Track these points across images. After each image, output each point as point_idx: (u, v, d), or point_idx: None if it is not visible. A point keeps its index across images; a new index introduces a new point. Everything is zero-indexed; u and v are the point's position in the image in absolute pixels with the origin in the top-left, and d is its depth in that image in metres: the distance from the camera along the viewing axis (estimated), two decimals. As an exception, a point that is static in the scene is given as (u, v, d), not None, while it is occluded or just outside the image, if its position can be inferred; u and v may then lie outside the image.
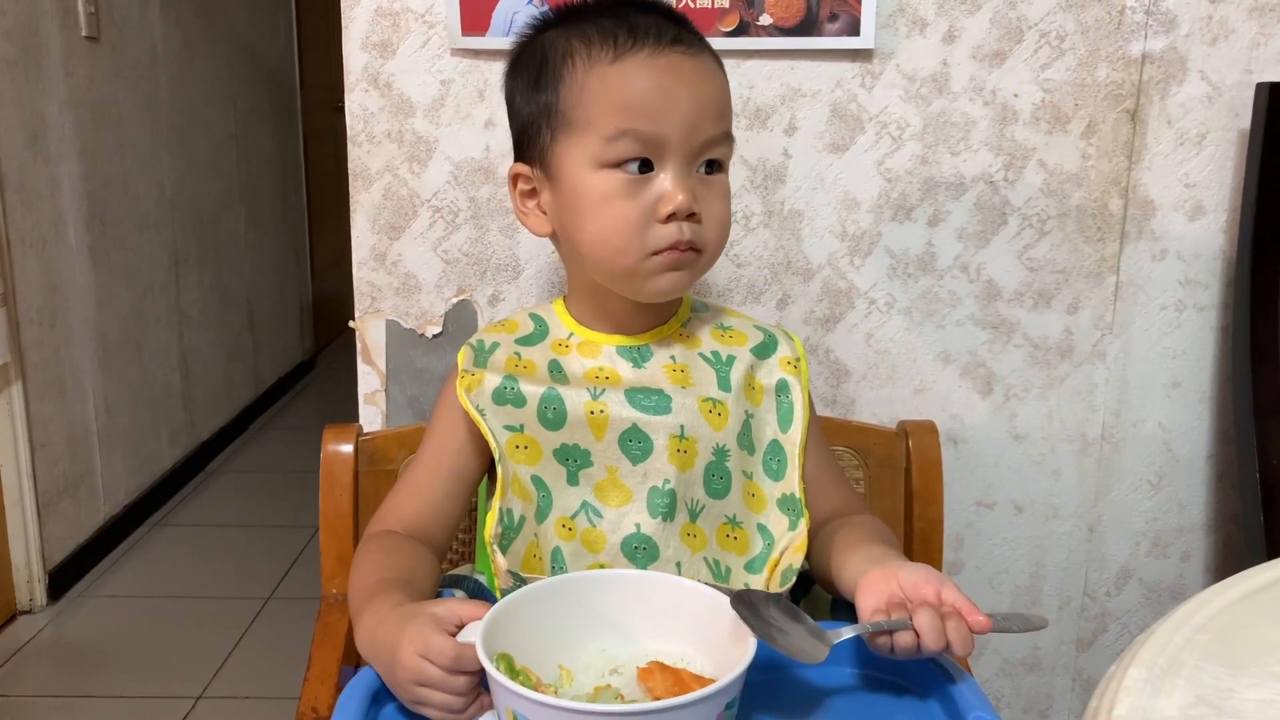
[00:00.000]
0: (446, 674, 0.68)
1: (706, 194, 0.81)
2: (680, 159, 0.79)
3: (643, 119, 0.78)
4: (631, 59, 0.79)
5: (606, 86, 0.79)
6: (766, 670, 0.72)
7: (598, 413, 0.82)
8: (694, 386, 0.84)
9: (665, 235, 0.79)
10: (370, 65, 1.26)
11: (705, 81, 0.80)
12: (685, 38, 0.81)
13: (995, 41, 1.24)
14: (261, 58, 3.56)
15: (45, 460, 2.27)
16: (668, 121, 0.78)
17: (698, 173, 0.81)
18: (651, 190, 0.79)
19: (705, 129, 0.80)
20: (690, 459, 0.83)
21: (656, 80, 0.78)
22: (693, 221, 0.80)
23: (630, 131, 0.78)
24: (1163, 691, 0.60)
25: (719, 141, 0.81)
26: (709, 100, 0.80)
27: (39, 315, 2.25)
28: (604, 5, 0.83)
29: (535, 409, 0.83)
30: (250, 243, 3.48)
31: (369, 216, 1.31)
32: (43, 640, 2.17)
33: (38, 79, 2.24)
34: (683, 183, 0.79)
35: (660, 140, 0.78)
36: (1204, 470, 1.37)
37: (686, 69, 0.80)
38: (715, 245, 0.83)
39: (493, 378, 0.85)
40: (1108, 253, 1.30)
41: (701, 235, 0.81)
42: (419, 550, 0.85)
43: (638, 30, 0.80)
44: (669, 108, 0.78)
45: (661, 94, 0.78)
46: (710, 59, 0.83)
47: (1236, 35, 1.24)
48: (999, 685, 1.45)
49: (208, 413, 3.14)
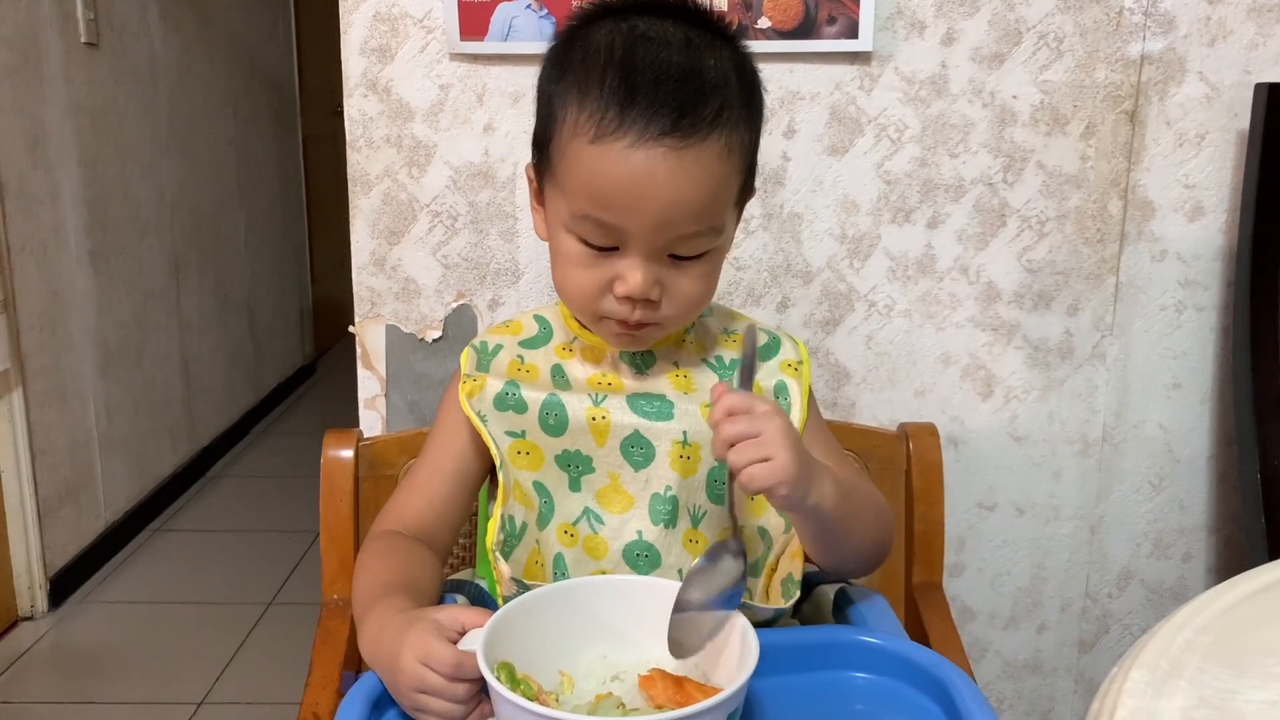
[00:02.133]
0: (447, 681, 0.67)
1: (675, 276, 0.77)
2: (644, 248, 0.75)
3: (606, 211, 0.74)
4: (610, 146, 0.72)
5: (580, 166, 0.74)
6: (768, 677, 0.71)
7: (599, 419, 0.82)
8: (697, 393, 0.84)
9: (618, 310, 0.78)
10: (369, 70, 1.26)
11: (686, 183, 0.73)
12: (681, 127, 0.72)
13: (994, 43, 1.25)
14: (261, 63, 3.56)
15: (46, 466, 2.27)
16: (632, 219, 0.74)
17: (668, 258, 0.76)
18: (611, 267, 0.76)
19: (677, 228, 0.74)
20: (693, 465, 0.83)
21: (627, 178, 0.72)
22: (648, 305, 0.77)
23: (593, 218, 0.75)
24: (1165, 693, 0.60)
25: (694, 236, 0.75)
26: (686, 202, 0.73)
27: (39, 321, 2.25)
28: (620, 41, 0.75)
29: (537, 415, 0.83)
30: (250, 248, 3.48)
31: (368, 221, 1.31)
32: (44, 646, 2.16)
33: (37, 85, 2.24)
34: (642, 270, 0.75)
35: (623, 231, 0.74)
36: (1205, 471, 1.37)
37: (666, 169, 0.72)
38: (679, 319, 0.80)
39: (494, 382, 0.85)
40: (1107, 254, 1.30)
41: (659, 315, 0.78)
42: (423, 553, 0.85)
43: (628, 112, 0.72)
44: (636, 207, 0.73)
45: (629, 193, 0.73)
46: (708, 150, 0.73)
47: (1235, 36, 1.24)
48: (1001, 688, 1.45)
49: (208, 418, 3.13)
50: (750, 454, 0.69)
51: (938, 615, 1.06)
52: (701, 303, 0.81)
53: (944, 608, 1.07)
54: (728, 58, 0.77)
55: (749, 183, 0.81)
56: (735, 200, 0.79)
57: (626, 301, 0.77)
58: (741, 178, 0.78)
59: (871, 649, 0.77)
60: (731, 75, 0.76)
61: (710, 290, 0.81)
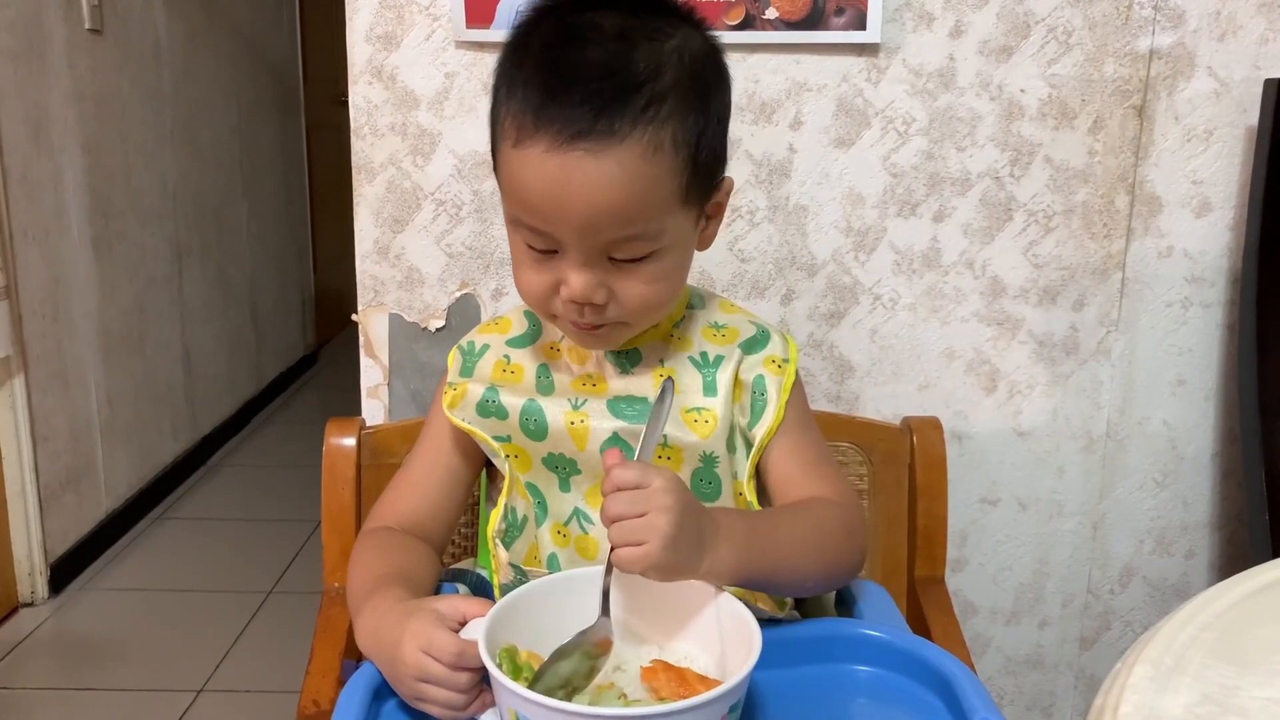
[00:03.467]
0: (449, 670, 0.67)
1: (622, 278, 0.74)
2: (579, 252, 0.73)
3: (532, 216, 0.73)
4: (529, 150, 0.70)
5: (507, 170, 0.73)
6: (771, 670, 0.71)
7: (578, 423, 0.81)
8: (679, 395, 0.82)
9: (569, 312, 0.76)
10: (374, 58, 1.26)
11: (606, 186, 0.69)
12: (598, 129, 0.69)
13: (1002, 36, 1.24)
14: (265, 51, 3.55)
15: (47, 453, 2.27)
16: (556, 225, 0.72)
17: (609, 260, 0.74)
18: (556, 269, 0.74)
19: (604, 233, 0.72)
20: (674, 466, 0.82)
21: (545, 184, 0.70)
22: (596, 308, 0.75)
23: (524, 223, 0.74)
24: (1169, 689, 0.59)
25: (628, 241, 0.72)
26: (607, 207, 0.70)
27: (41, 308, 2.25)
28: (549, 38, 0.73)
29: (518, 421, 0.82)
30: (253, 236, 3.47)
31: (372, 210, 1.30)
32: (44, 633, 2.17)
33: (41, 72, 2.23)
34: (583, 273, 0.73)
35: (554, 236, 0.73)
36: (1209, 468, 1.37)
37: (581, 174, 0.69)
38: (636, 320, 0.77)
39: (476, 389, 0.84)
40: (1114, 249, 1.30)
41: (611, 315, 0.76)
42: (417, 546, 0.85)
43: (543, 115, 0.70)
44: (557, 213, 0.71)
45: (549, 199, 0.71)
46: (629, 151, 0.70)
47: (1245, 31, 1.24)
48: (1002, 683, 1.44)
49: (210, 406, 3.13)
50: (626, 536, 0.67)
51: (940, 610, 1.05)
52: (660, 304, 0.77)
53: (946, 602, 1.07)
54: (674, 45, 0.73)
55: (707, 174, 0.76)
56: (680, 197, 0.74)
57: (573, 305, 0.75)
58: (685, 173, 0.73)
59: (874, 642, 0.77)
60: (671, 64, 0.72)
61: (669, 291, 0.77)
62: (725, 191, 0.80)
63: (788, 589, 0.80)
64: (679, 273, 0.78)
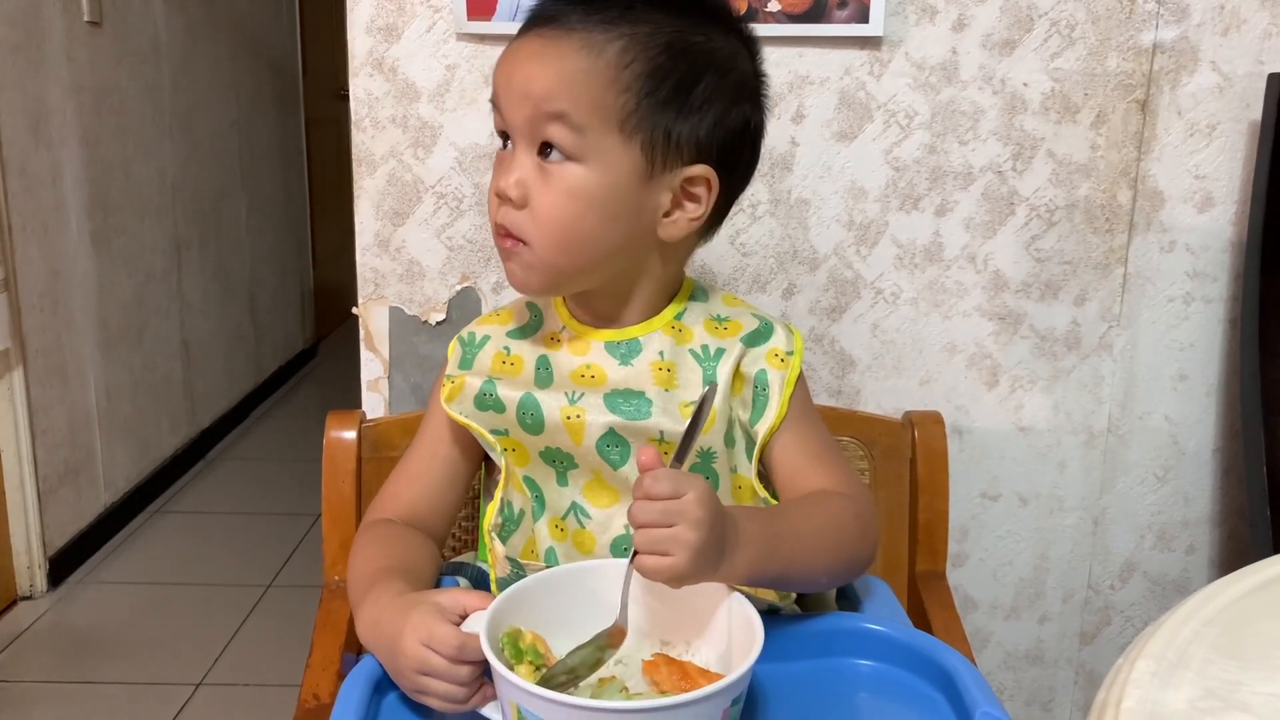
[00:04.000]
0: (450, 663, 0.67)
1: (540, 182, 0.77)
2: (521, 140, 0.78)
3: (494, 96, 0.79)
4: (516, 37, 0.79)
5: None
6: (772, 664, 0.71)
7: (574, 418, 0.80)
8: (677, 389, 0.81)
9: (494, 213, 0.80)
10: (375, 50, 1.26)
11: (546, 59, 0.76)
12: (561, 17, 0.77)
13: (1005, 30, 1.23)
14: (264, 45, 3.54)
15: (46, 446, 2.27)
16: (503, 99, 0.78)
17: (540, 157, 0.77)
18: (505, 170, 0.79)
19: (528, 106, 0.76)
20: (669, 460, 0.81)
21: (507, 58, 0.79)
22: (511, 205, 0.77)
23: (494, 105, 0.80)
24: (1171, 684, 0.59)
25: (549, 120, 0.75)
26: (539, 76, 0.76)
27: (40, 301, 2.24)
28: None
29: (514, 415, 0.82)
30: (252, 230, 3.47)
31: (373, 202, 1.30)
32: (43, 626, 2.17)
33: (40, 64, 2.23)
34: (514, 162, 0.78)
35: (504, 117, 0.78)
36: (1210, 464, 1.37)
37: (531, 48, 0.77)
38: (540, 241, 0.77)
39: (474, 381, 0.83)
40: (1116, 244, 1.30)
41: (520, 225, 0.77)
42: (418, 538, 0.85)
43: (532, 12, 0.79)
44: (504, 85, 0.78)
45: (504, 72, 0.78)
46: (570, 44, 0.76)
47: (1249, 25, 1.23)
48: (1001, 678, 1.44)
49: (209, 400, 3.13)
50: (652, 544, 0.67)
51: (940, 604, 1.05)
52: (567, 230, 0.77)
53: (947, 597, 1.07)
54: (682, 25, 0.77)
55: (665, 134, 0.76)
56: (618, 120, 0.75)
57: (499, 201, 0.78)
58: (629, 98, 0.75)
59: (876, 636, 0.77)
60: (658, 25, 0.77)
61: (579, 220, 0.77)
62: (701, 182, 0.79)
63: (802, 585, 0.80)
64: (601, 208, 0.77)
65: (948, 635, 0.98)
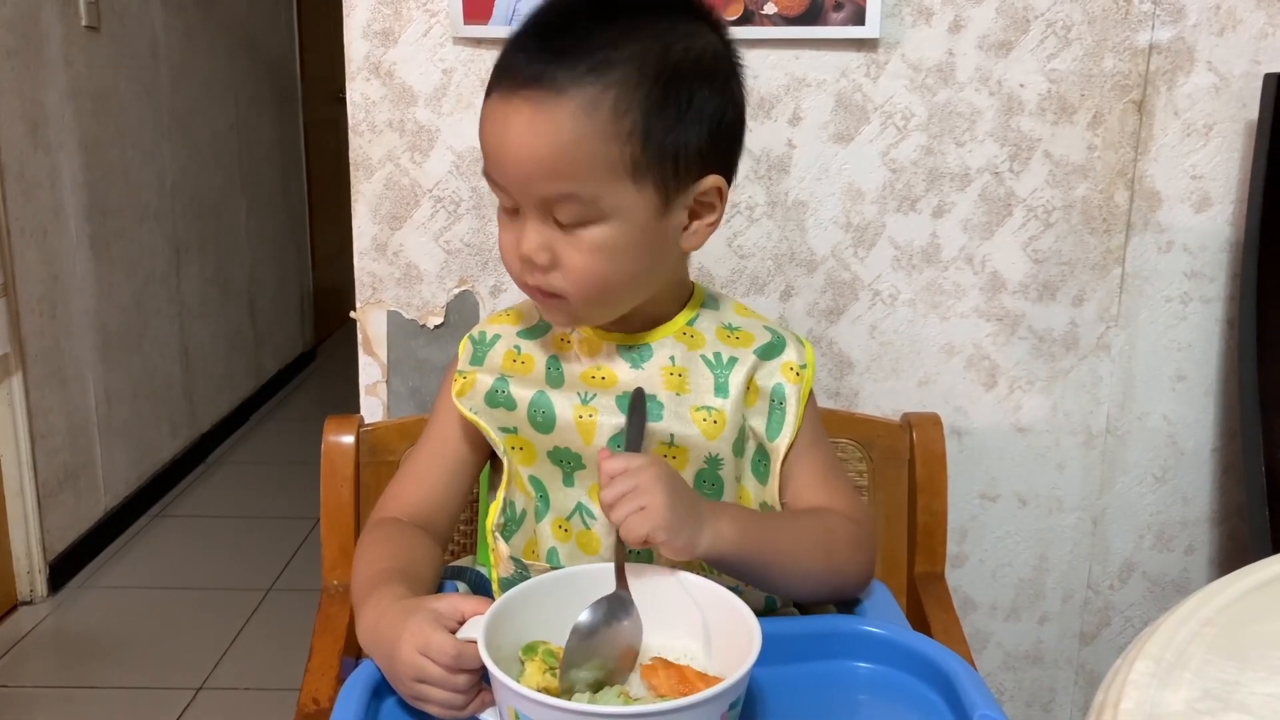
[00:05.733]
0: (447, 672, 0.67)
1: (566, 245, 0.75)
2: (529, 209, 0.75)
3: (488, 165, 0.76)
4: (492, 99, 0.75)
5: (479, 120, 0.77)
6: (771, 667, 0.71)
7: (586, 418, 0.81)
8: (689, 394, 0.82)
9: (521, 272, 0.78)
10: (372, 54, 1.26)
11: (534, 135, 0.71)
12: (543, 82, 0.71)
13: (1001, 31, 1.24)
14: (262, 48, 3.54)
15: (46, 451, 2.27)
16: (501, 175, 0.75)
17: (555, 223, 0.75)
18: (519, 230, 0.76)
19: (536, 188, 0.73)
20: (679, 465, 0.81)
21: (491, 130, 0.74)
22: (539, 270, 0.76)
23: (488, 175, 0.77)
24: (1169, 685, 0.59)
25: (561, 200, 0.73)
26: (535, 157, 0.72)
27: (39, 305, 2.24)
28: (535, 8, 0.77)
29: (526, 413, 0.82)
30: (251, 233, 3.47)
31: (370, 206, 1.30)
32: (43, 631, 2.16)
33: (38, 68, 2.23)
34: (531, 230, 0.75)
35: (505, 190, 0.76)
36: (1209, 464, 1.37)
37: (518, 122, 0.72)
38: (578, 296, 0.77)
39: (485, 379, 0.84)
40: (1113, 244, 1.30)
41: (554, 284, 0.76)
42: (422, 539, 0.84)
43: (503, 66, 0.74)
44: (499, 161, 0.74)
45: (493, 146, 0.74)
46: (562, 108, 0.71)
47: (1245, 26, 1.23)
48: (1001, 678, 1.44)
49: (208, 404, 3.13)
50: (626, 506, 0.70)
51: (940, 606, 1.05)
52: (603, 281, 0.76)
53: (946, 598, 1.07)
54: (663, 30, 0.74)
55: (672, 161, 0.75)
56: (628, 172, 0.73)
57: (524, 264, 0.77)
58: (632, 148, 0.73)
59: (874, 639, 0.77)
60: (648, 42, 0.73)
61: (614, 270, 0.76)
62: (713, 192, 0.78)
63: (789, 584, 0.80)
64: (629, 253, 0.76)
65: (947, 637, 0.98)
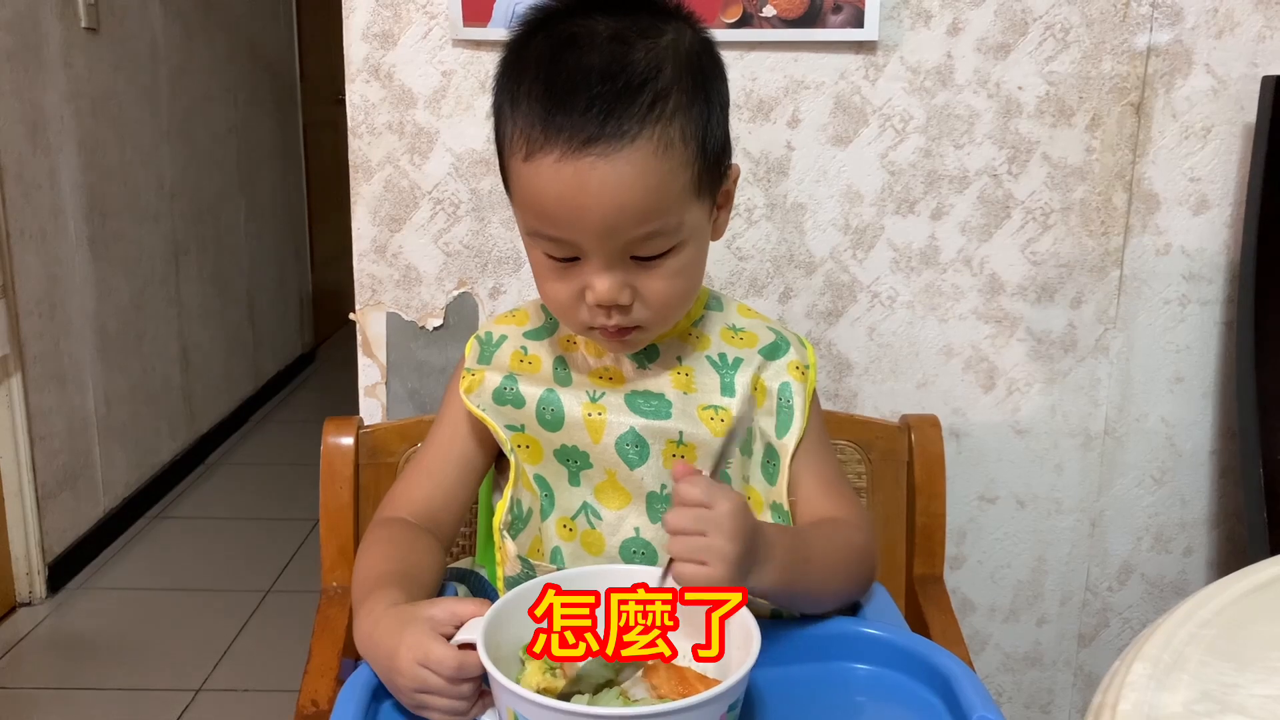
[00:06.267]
0: (449, 683, 0.67)
1: (645, 276, 0.75)
2: (601, 256, 0.73)
3: (551, 227, 0.73)
4: (541, 162, 0.71)
5: (521, 184, 0.74)
6: (770, 668, 0.71)
7: (595, 415, 0.81)
8: (696, 393, 0.83)
9: (596, 318, 0.77)
10: (371, 56, 1.26)
11: (622, 188, 0.70)
12: (607, 133, 0.69)
13: (999, 34, 1.24)
14: (262, 50, 3.55)
15: (45, 452, 2.27)
16: (577, 231, 0.72)
17: (631, 260, 0.74)
18: (579, 276, 0.75)
19: (625, 233, 0.72)
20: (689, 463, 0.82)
21: (560, 192, 0.71)
22: (622, 310, 0.75)
23: (543, 234, 0.74)
24: (1167, 687, 0.59)
25: (648, 238, 0.73)
26: (625, 207, 0.71)
27: (38, 307, 2.24)
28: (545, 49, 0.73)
29: (534, 410, 0.82)
30: (250, 235, 3.47)
31: (370, 208, 1.30)
32: (42, 632, 2.16)
33: (37, 70, 2.23)
34: (607, 275, 0.74)
35: (574, 243, 0.73)
36: (1207, 465, 1.37)
37: (596, 178, 0.70)
38: (660, 319, 0.78)
39: (494, 376, 0.84)
40: (1111, 247, 1.30)
41: (637, 317, 0.76)
42: (425, 540, 0.84)
43: (551, 125, 0.70)
44: (576, 219, 0.71)
45: (566, 207, 0.71)
46: (640, 150, 0.70)
47: (1242, 28, 1.24)
48: (1000, 680, 1.45)
49: (207, 405, 3.13)
50: (689, 552, 0.68)
51: (938, 607, 1.05)
52: (683, 299, 0.78)
53: (944, 600, 1.07)
54: (668, 41, 0.73)
55: (716, 164, 0.77)
56: (694, 189, 0.74)
57: (600, 309, 0.75)
58: (696, 164, 0.74)
59: (873, 640, 0.77)
60: (668, 60, 0.72)
61: (690, 285, 0.78)
62: (733, 179, 0.81)
63: (808, 607, 0.81)
64: (698, 265, 0.79)
65: (945, 639, 0.99)
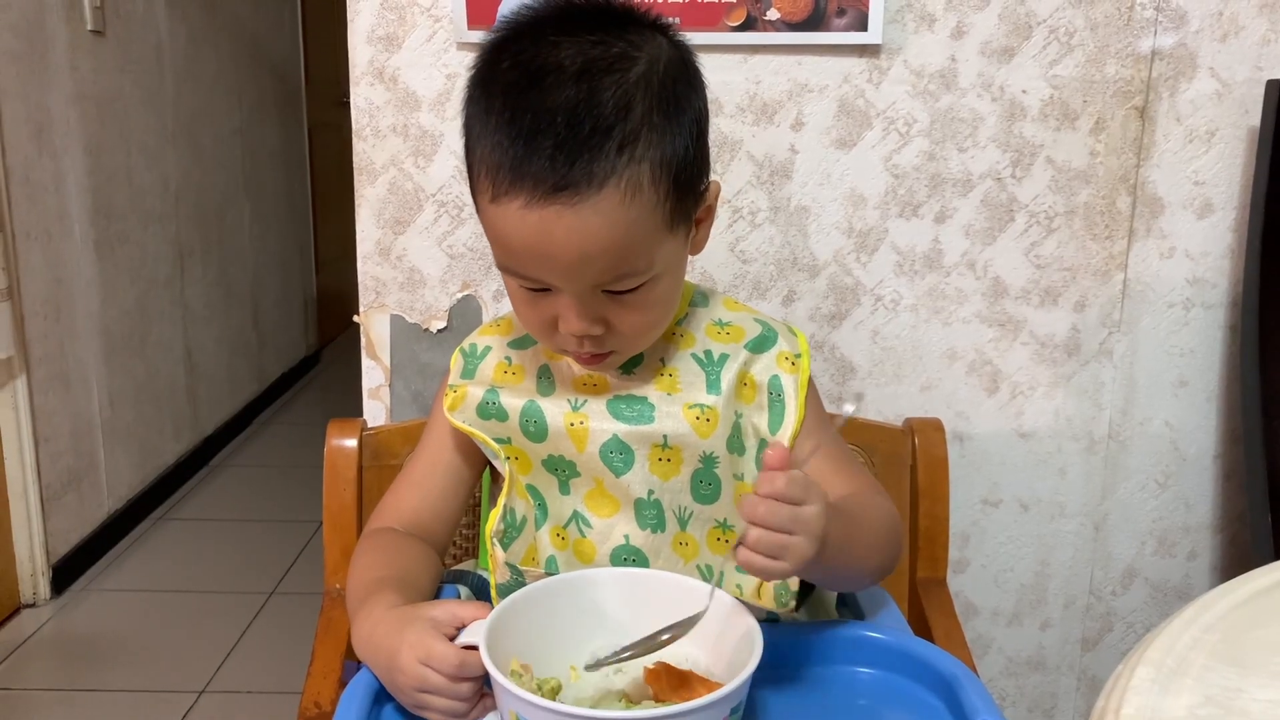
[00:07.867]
0: (450, 682, 0.67)
1: (617, 309, 0.74)
2: (573, 292, 0.72)
3: (519, 265, 0.73)
4: (508, 206, 0.69)
5: (488, 222, 0.73)
6: (772, 672, 0.71)
7: (577, 424, 0.81)
8: (680, 393, 0.81)
9: (569, 344, 0.77)
10: (376, 59, 1.26)
11: (587, 237, 0.69)
12: (572, 182, 0.67)
13: (1004, 37, 1.24)
14: (267, 52, 3.55)
15: (49, 454, 2.27)
16: (545, 274, 0.72)
17: (603, 294, 0.73)
18: (551, 305, 0.74)
19: (592, 276, 0.71)
20: (674, 467, 0.81)
21: (527, 238, 0.70)
22: (595, 340, 0.75)
23: (512, 270, 0.74)
24: (1171, 691, 0.59)
25: (618, 279, 0.72)
26: (592, 256, 0.69)
27: (43, 309, 2.25)
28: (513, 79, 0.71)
29: (518, 422, 0.82)
30: (255, 237, 3.48)
31: (374, 211, 1.30)
32: (46, 634, 2.17)
33: (43, 73, 2.23)
34: (575, 310, 0.73)
35: (544, 282, 0.73)
36: (1211, 469, 1.37)
37: (562, 227, 0.68)
38: (633, 345, 0.78)
39: (476, 391, 0.83)
40: (1115, 250, 1.30)
41: (611, 343, 0.76)
42: (418, 547, 0.85)
43: (518, 171, 0.68)
44: (543, 264, 0.71)
45: (533, 252, 0.70)
46: (606, 199, 0.68)
47: (1247, 32, 1.24)
48: (1003, 684, 1.44)
49: (211, 407, 3.14)
50: (769, 547, 0.66)
51: (941, 611, 1.05)
52: (656, 326, 0.78)
53: (948, 604, 1.07)
54: (639, 74, 0.70)
55: (690, 191, 0.74)
56: (666, 226, 0.72)
57: (572, 338, 0.75)
58: (668, 202, 0.72)
59: (876, 644, 0.77)
60: (639, 96, 0.70)
61: (665, 313, 0.78)
62: (713, 196, 0.79)
63: (846, 584, 0.80)
64: (674, 292, 0.78)
65: (948, 642, 0.98)
